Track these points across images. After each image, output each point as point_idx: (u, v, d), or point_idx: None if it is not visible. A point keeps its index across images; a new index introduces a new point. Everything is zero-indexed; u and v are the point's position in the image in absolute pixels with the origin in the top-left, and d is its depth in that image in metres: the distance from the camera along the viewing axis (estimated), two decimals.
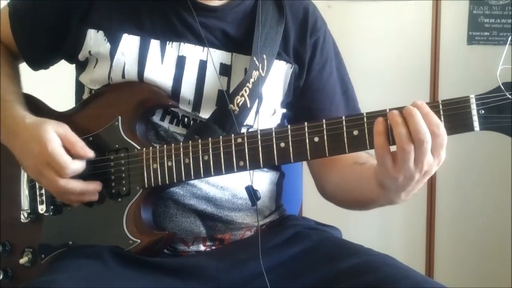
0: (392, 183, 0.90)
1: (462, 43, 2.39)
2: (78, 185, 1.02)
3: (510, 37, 2.15)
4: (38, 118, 1.04)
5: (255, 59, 1.06)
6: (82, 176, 1.03)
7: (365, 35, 2.40)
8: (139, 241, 1.02)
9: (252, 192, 1.03)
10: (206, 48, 1.08)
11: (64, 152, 1.00)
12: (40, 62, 1.22)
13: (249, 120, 1.09)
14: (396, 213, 2.51)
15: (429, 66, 2.41)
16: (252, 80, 1.06)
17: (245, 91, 1.05)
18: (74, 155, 1.01)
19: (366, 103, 1.23)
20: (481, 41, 2.38)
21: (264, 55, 1.08)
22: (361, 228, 2.45)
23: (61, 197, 1.06)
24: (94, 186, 1.04)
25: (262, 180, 1.15)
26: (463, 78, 2.38)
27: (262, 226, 1.16)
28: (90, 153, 1.03)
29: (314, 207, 2.03)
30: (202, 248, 1.09)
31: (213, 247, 1.10)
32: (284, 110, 1.17)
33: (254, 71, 1.06)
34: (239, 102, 1.05)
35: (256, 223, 1.14)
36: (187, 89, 1.08)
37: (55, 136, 1.00)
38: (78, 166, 1.01)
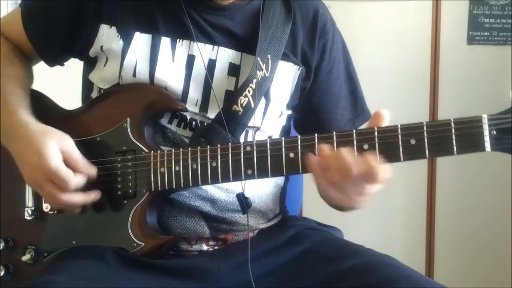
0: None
1: (462, 43, 2.40)
2: (79, 198, 1.01)
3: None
4: (42, 126, 1.03)
5: (258, 59, 1.06)
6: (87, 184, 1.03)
7: (365, 35, 2.40)
8: (143, 244, 1.01)
9: (243, 200, 1.03)
10: (216, 47, 1.08)
11: (66, 167, 0.99)
12: (55, 58, 1.21)
13: (256, 122, 1.08)
14: (396, 213, 2.51)
15: (429, 66, 2.41)
16: (255, 80, 1.05)
17: (249, 91, 1.05)
18: (76, 171, 1.00)
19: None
20: (481, 41, 2.38)
21: (269, 55, 1.07)
22: (362, 229, 2.45)
23: (59, 208, 1.07)
24: (94, 196, 1.03)
25: (268, 183, 1.15)
26: (463, 78, 2.39)
27: (264, 228, 1.16)
28: (93, 170, 1.03)
29: (315, 207, 2.03)
30: (204, 247, 1.09)
31: (216, 247, 1.10)
32: (290, 112, 1.17)
33: (258, 71, 1.05)
34: (243, 102, 1.04)
35: (260, 225, 1.14)
36: (195, 88, 1.07)
37: (56, 151, 0.99)
38: (80, 180, 1.00)
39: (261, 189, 1.13)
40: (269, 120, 1.11)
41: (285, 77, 1.12)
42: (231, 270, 1.03)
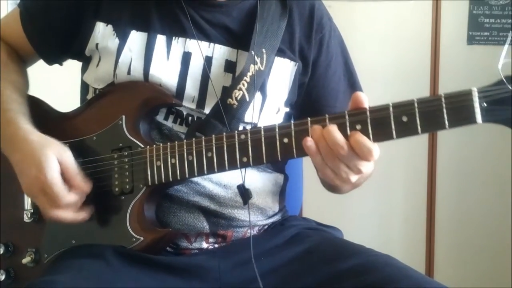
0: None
1: (462, 43, 2.40)
2: (67, 216, 1.01)
3: (510, 34, 2.15)
4: (43, 137, 1.03)
5: (253, 53, 1.06)
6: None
7: (365, 35, 2.40)
8: (142, 238, 1.02)
9: (243, 191, 1.03)
10: (212, 44, 1.09)
11: (61, 182, 0.99)
12: (54, 57, 1.22)
13: (254, 118, 1.09)
14: (396, 213, 2.51)
15: (429, 66, 2.41)
16: (249, 74, 1.06)
17: (243, 84, 1.05)
18: (71, 187, 1.00)
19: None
20: (481, 41, 2.38)
21: (264, 49, 1.08)
22: (362, 228, 2.46)
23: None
24: (83, 216, 1.03)
25: (266, 180, 1.15)
26: (463, 78, 2.39)
27: (264, 226, 1.16)
28: (88, 187, 1.02)
29: (315, 207, 2.04)
30: (204, 245, 1.09)
31: (216, 245, 1.10)
32: (288, 109, 1.17)
33: (251, 65, 1.06)
34: (238, 96, 1.05)
35: (259, 221, 1.14)
36: (192, 85, 1.08)
37: (55, 164, 0.99)
38: (72, 199, 1.00)
39: (260, 186, 1.13)
40: (266, 117, 1.11)
41: (281, 73, 1.13)
42: (231, 268, 1.04)
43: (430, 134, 2.43)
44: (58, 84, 1.69)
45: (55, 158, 0.99)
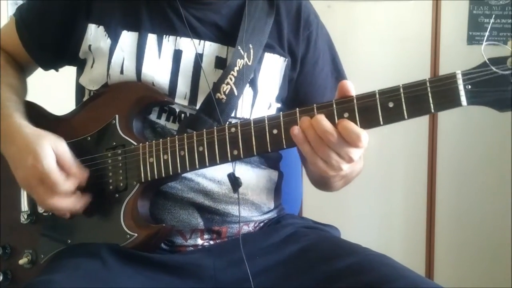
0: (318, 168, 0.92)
1: (462, 43, 2.40)
2: (67, 203, 1.02)
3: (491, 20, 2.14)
4: (37, 130, 1.04)
5: (239, 48, 1.08)
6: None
7: (365, 35, 2.40)
8: (136, 235, 1.02)
9: (233, 179, 1.04)
10: (202, 42, 1.11)
11: (58, 170, 1.00)
12: (50, 63, 1.23)
13: (245, 113, 1.10)
14: (396, 213, 2.51)
15: (429, 66, 2.41)
16: (237, 68, 1.07)
17: (230, 79, 1.06)
18: (68, 175, 1.01)
19: None
20: (481, 41, 2.38)
21: (251, 45, 1.09)
22: (361, 228, 2.46)
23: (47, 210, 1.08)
24: (81, 205, 1.04)
25: (260, 177, 1.16)
26: None
27: (260, 223, 1.17)
28: (85, 174, 1.04)
29: (314, 207, 2.04)
30: (199, 241, 1.10)
31: (211, 241, 1.11)
32: (279, 105, 1.18)
33: (238, 60, 1.07)
34: (226, 90, 1.06)
35: (254, 217, 1.15)
36: (184, 82, 1.09)
37: (51, 152, 1.00)
38: (70, 185, 1.01)
39: (254, 182, 1.14)
40: (258, 112, 1.12)
41: (272, 69, 1.14)
42: (226, 267, 1.05)
43: (430, 134, 2.43)
44: (55, 89, 1.70)
45: (51, 147, 1.01)
